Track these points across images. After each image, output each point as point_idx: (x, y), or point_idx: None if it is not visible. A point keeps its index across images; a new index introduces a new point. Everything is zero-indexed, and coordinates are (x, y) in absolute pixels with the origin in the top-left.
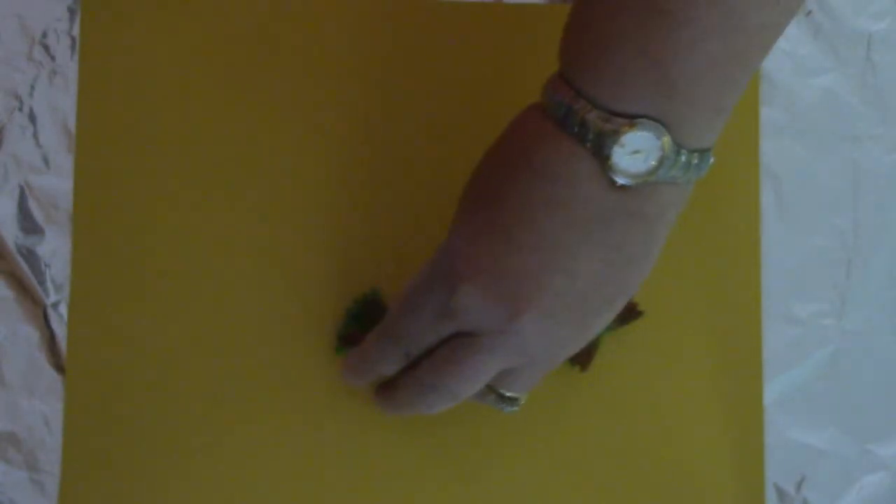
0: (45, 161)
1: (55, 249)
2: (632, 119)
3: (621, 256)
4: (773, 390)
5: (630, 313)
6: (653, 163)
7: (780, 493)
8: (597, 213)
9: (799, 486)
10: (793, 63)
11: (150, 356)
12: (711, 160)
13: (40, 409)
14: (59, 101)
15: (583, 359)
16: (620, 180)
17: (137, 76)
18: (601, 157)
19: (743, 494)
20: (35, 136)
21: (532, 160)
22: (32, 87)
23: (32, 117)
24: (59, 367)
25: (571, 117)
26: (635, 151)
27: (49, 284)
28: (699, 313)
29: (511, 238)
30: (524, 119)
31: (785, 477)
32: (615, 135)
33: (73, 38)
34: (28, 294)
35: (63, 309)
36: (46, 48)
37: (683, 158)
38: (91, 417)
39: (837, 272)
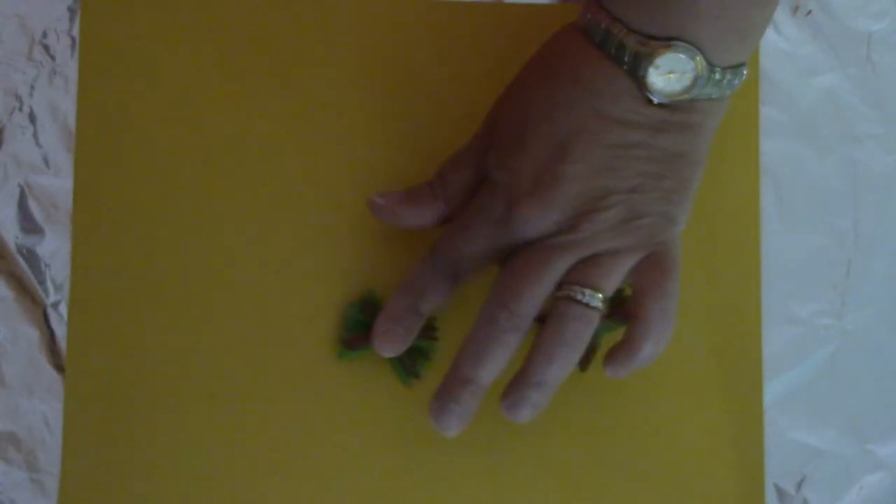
0: (45, 161)
1: (55, 249)
2: (666, 42)
3: (670, 155)
4: (773, 390)
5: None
6: (687, 83)
7: (780, 492)
8: (642, 124)
9: (799, 486)
10: (793, 63)
11: (149, 356)
12: (745, 73)
13: (40, 409)
14: (59, 101)
15: (583, 359)
16: (657, 99)
17: (137, 76)
18: (637, 77)
19: (743, 494)
20: (35, 136)
21: (579, 77)
22: (32, 87)
23: (32, 117)
24: (59, 367)
25: (609, 40)
26: (670, 72)
27: (49, 284)
28: (699, 313)
29: (565, 149)
30: (564, 39)
31: (785, 477)
32: (650, 57)
33: (73, 38)
34: (28, 294)
35: (63, 309)
36: (46, 48)
37: (717, 76)
38: (91, 417)
39: (837, 272)
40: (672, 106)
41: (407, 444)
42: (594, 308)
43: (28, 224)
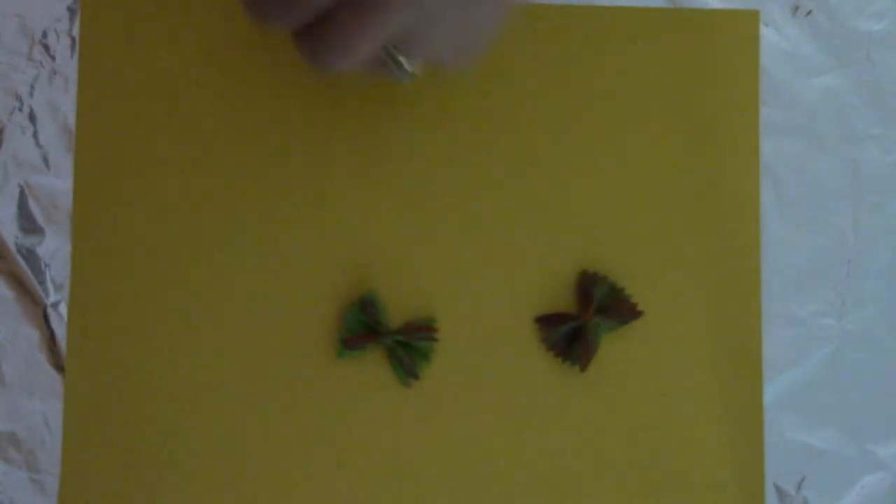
0: (45, 161)
1: (55, 249)
2: None
3: None
4: (773, 390)
5: (629, 313)
6: None
7: (780, 493)
8: None
9: (799, 487)
10: (793, 63)
11: (149, 356)
12: None
13: (40, 409)
14: (59, 101)
15: (582, 359)
16: None
17: (137, 76)
18: None
19: (743, 495)
20: (35, 136)
21: None
22: (32, 87)
23: (32, 117)
24: (59, 367)
25: None
26: None
27: (49, 284)
28: (699, 313)
29: None
30: None
31: (785, 477)
32: None
33: (73, 38)
34: (28, 294)
35: (63, 309)
36: (46, 48)
37: None
38: (91, 417)
39: (837, 272)
40: None
41: (405, 445)
42: None
43: (28, 224)
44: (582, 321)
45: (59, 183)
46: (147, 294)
